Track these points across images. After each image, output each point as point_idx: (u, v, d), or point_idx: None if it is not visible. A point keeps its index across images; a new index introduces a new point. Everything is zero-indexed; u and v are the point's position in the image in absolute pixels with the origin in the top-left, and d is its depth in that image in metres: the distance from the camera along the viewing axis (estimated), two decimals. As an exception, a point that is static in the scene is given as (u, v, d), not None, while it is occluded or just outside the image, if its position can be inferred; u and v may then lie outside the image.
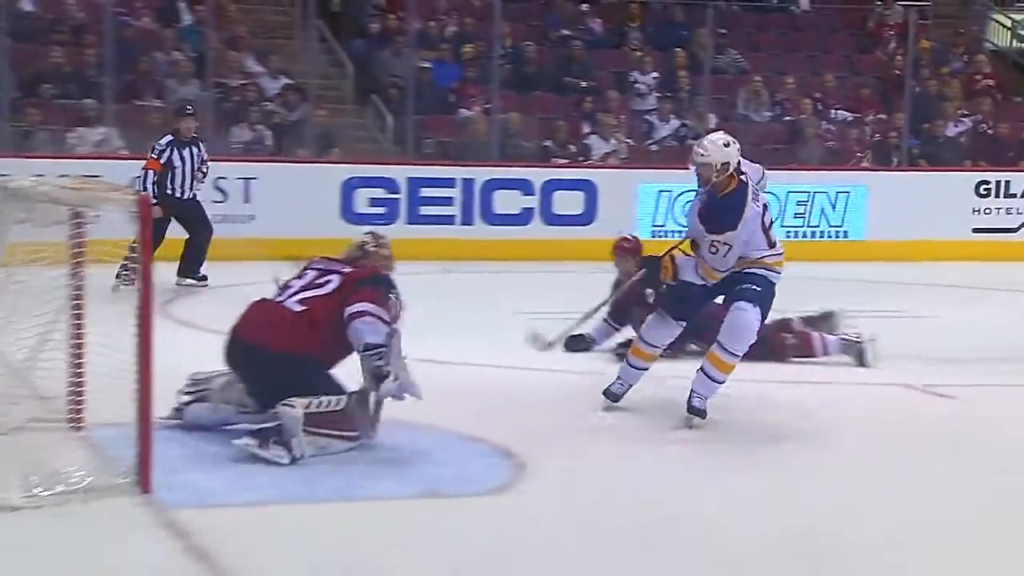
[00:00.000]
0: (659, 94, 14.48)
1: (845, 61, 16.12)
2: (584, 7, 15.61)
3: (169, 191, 9.63)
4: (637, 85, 14.59)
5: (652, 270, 6.11)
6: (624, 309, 7.56)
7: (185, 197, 9.68)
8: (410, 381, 5.09)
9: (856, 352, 7.46)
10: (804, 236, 13.48)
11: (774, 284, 5.95)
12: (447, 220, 12.48)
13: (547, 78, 14.52)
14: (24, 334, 5.11)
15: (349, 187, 12.14)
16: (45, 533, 4.21)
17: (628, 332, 7.46)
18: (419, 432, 5.41)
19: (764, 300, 5.88)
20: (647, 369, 6.15)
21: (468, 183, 12.63)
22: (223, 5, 13.80)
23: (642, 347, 6.16)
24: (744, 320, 5.79)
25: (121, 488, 4.54)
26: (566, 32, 15.12)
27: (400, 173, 12.42)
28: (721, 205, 5.82)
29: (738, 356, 5.82)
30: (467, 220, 12.60)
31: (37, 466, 4.57)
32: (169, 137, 9.81)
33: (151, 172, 9.54)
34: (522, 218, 12.68)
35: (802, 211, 13.56)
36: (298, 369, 5.08)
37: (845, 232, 13.65)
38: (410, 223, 12.11)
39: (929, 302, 10.24)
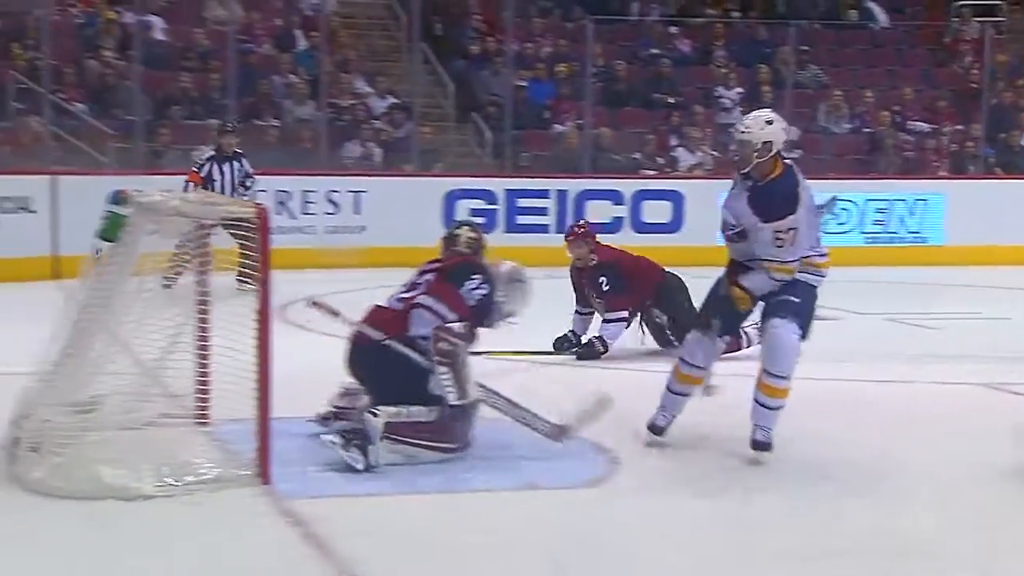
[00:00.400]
0: (743, 108, 14.32)
1: (923, 75, 15.79)
2: (673, 29, 15.51)
3: None
4: (722, 100, 14.45)
5: (724, 306, 5.18)
6: (584, 295, 7.56)
7: None
8: (442, 384, 4.94)
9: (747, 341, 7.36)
10: (883, 242, 13.29)
11: (815, 288, 5.17)
12: (542, 229, 12.46)
13: (636, 95, 14.45)
14: (155, 337, 5.19)
15: (451, 199, 12.19)
16: (175, 520, 4.30)
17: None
18: (518, 429, 5.40)
19: (803, 311, 5.07)
20: (691, 395, 5.34)
21: (562, 194, 12.63)
22: (335, 31, 13.98)
23: (686, 370, 5.29)
24: (779, 339, 5.04)
25: (243, 479, 4.62)
26: (655, 51, 15.04)
27: (498, 185, 12.45)
28: (772, 190, 4.99)
29: (787, 377, 5.07)
30: (561, 229, 12.50)
31: (168, 458, 4.65)
32: (211, 152, 9.92)
33: (191, 184, 9.57)
34: (613, 226, 12.59)
35: (881, 218, 13.35)
36: (399, 366, 4.97)
37: (923, 238, 13.39)
38: (508, 232, 12.11)
39: (1004, 304, 9.99)
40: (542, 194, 12.61)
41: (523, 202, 12.52)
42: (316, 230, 11.72)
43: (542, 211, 12.56)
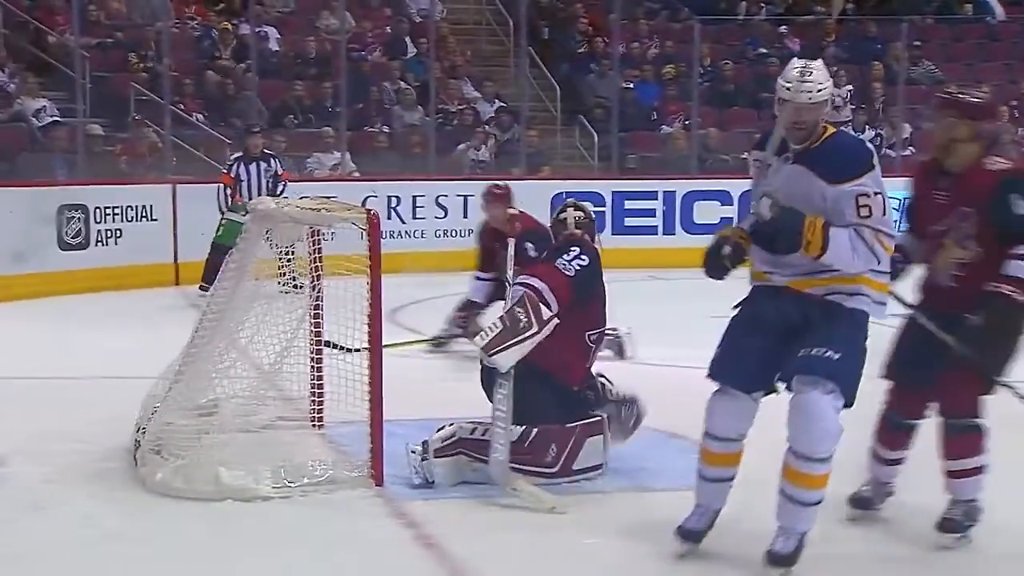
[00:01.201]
0: (853, 106, 14.06)
1: (1043, 68, 15.33)
2: (782, 28, 15.30)
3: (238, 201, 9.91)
4: (833, 98, 14.20)
5: (790, 223, 3.69)
6: (492, 259, 7.28)
7: None
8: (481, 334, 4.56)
9: (616, 347, 7.23)
10: (1001, 240, 12.92)
11: (866, 324, 3.80)
12: (650, 230, 12.39)
13: (744, 94, 14.28)
14: (271, 342, 5.28)
15: (559, 201, 12.12)
16: (291, 520, 4.36)
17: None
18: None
19: (845, 368, 3.69)
20: (732, 478, 3.97)
21: (669, 195, 12.53)
22: (444, 37, 14.10)
23: (717, 447, 3.93)
24: (811, 411, 3.67)
25: (356, 481, 4.66)
26: (763, 51, 14.85)
27: (606, 187, 12.40)
28: (833, 145, 3.80)
29: (825, 460, 3.71)
30: (669, 230, 12.49)
31: (284, 460, 4.72)
32: (238, 154, 10.10)
33: (222, 185, 9.84)
34: (721, 227, 12.44)
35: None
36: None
37: (1043, 235, 12.99)
38: (615, 234, 12.04)
39: None
40: (650, 196, 12.52)
41: (630, 204, 12.45)
42: (426, 234, 11.81)
43: (650, 213, 12.48)
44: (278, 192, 9.93)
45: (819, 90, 3.81)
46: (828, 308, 3.76)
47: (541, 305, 4.61)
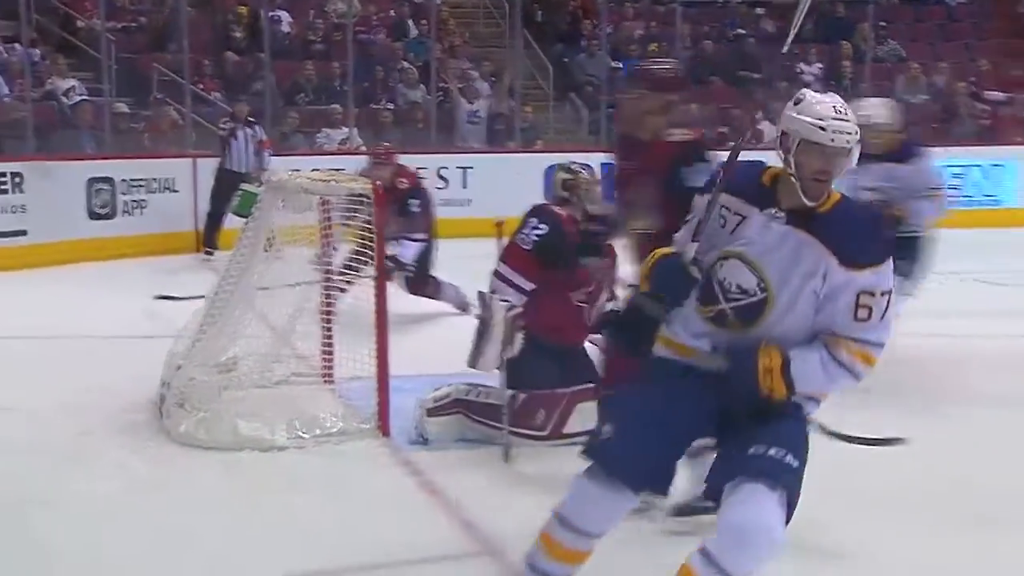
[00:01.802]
0: (823, 82, 14.00)
1: (1000, 47, 15.23)
2: (758, 10, 15.21)
3: (228, 166, 9.98)
4: (803, 76, 14.14)
5: (740, 369, 2.79)
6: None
7: (243, 171, 9.92)
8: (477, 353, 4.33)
9: (460, 303, 7.20)
10: (960, 205, 12.93)
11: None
12: (637, 199, 12.36)
13: (724, 72, 14.21)
14: (285, 303, 5.27)
15: (551, 172, 12.07)
16: (304, 468, 4.36)
17: None
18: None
19: (798, 477, 2.73)
20: None
21: (655, 166, 12.50)
22: (444, 20, 13.98)
23: (565, 540, 2.88)
24: (763, 524, 2.64)
25: (365, 432, 4.66)
26: (741, 31, 14.77)
27: (595, 159, 12.32)
28: (849, 216, 2.82)
29: None
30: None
31: (298, 413, 4.72)
32: (227, 119, 10.19)
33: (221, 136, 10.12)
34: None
35: (958, 182, 12.99)
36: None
37: (998, 200, 13.00)
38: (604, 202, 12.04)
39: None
40: (636, 167, 12.50)
41: (618, 174, 12.42)
42: (428, 203, 11.75)
43: (636, 182, 12.47)
44: (263, 160, 9.94)
45: (856, 131, 2.80)
46: (780, 403, 2.79)
47: (490, 292, 4.38)
